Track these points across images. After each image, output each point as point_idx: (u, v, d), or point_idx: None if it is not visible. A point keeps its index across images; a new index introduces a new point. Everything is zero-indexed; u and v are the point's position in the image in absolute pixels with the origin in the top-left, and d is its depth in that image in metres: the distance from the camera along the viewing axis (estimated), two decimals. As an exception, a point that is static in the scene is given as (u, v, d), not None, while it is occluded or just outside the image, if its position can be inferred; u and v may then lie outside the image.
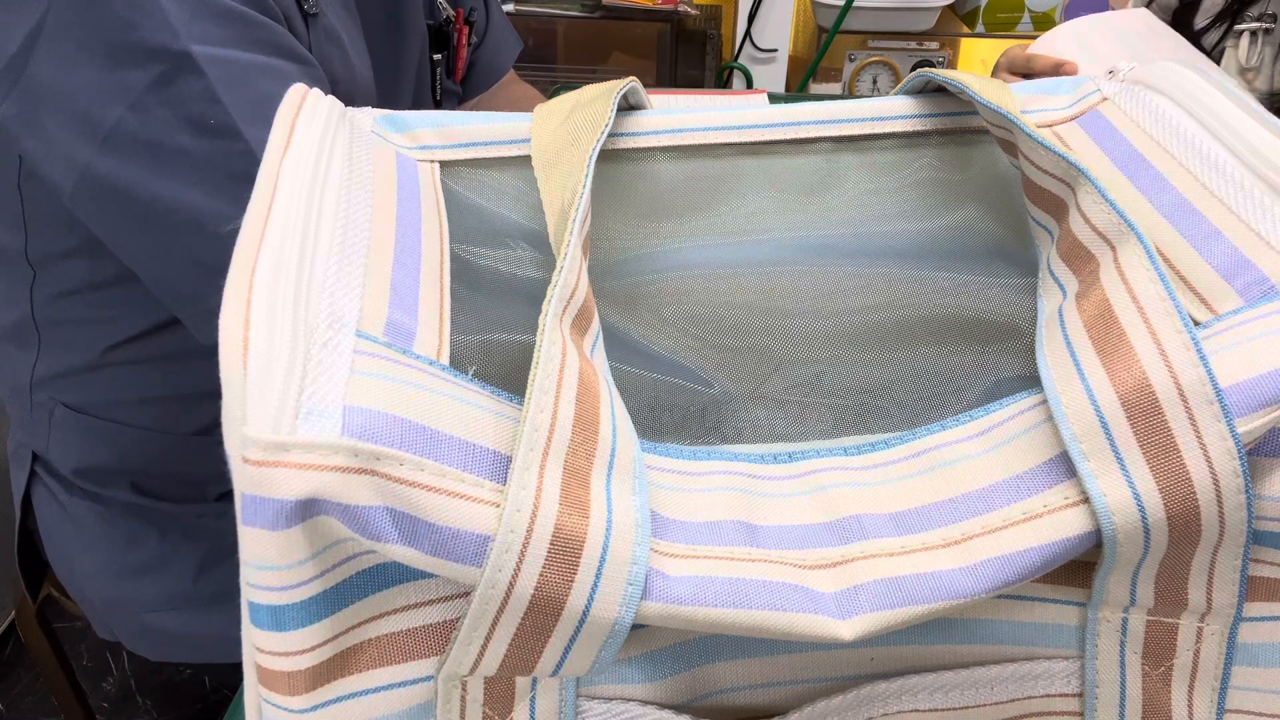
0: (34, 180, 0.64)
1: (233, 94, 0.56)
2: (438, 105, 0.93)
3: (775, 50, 1.83)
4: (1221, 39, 1.02)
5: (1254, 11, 1.00)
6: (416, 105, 0.88)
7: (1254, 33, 1.00)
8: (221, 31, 0.56)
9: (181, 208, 0.57)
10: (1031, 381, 0.31)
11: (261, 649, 0.26)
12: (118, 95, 0.55)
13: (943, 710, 0.31)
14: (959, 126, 0.40)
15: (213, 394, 0.24)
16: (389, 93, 0.82)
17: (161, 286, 0.64)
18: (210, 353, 0.25)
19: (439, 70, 0.92)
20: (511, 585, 0.25)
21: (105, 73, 0.55)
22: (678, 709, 0.30)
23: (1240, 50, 1.01)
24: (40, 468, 0.79)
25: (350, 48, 0.72)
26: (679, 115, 0.39)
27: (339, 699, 0.27)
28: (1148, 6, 1.07)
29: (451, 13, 0.93)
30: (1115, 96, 0.39)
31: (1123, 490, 0.27)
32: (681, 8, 1.56)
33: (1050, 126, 0.39)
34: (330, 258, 0.28)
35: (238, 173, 0.57)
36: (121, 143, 0.56)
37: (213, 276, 0.26)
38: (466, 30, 0.95)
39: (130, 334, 0.71)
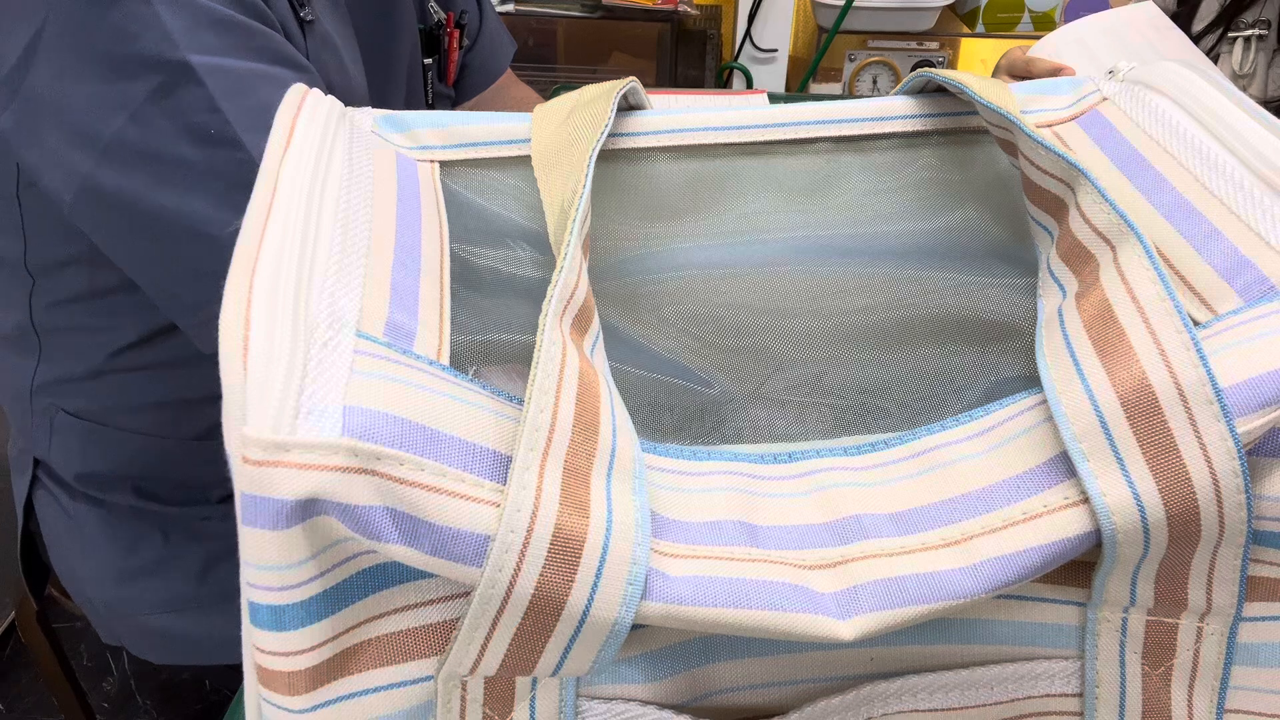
0: (33, 189, 0.64)
1: (232, 103, 0.56)
2: (430, 109, 0.93)
3: (775, 50, 1.83)
4: (1216, 45, 1.02)
5: (1248, 18, 1.00)
6: (409, 109, 0.88)
7: (1248, 39, 0.99)
8: (219, 40, 0.56)
9: (183, 217, 0.57)
10: (1031, 381, 0.31)
11: (261, 649, 0.26)
12: (117, 106, 0.55)
13: (943, 710, 0.31)
14: (959, 126, 0.40)
15: (214, 399, 0.24)
16: (381, 97, 0.82)
17: (163, 296, 0.63)
18: (211, 359, 0.25)
19: (430, 74, 0.92)
20: (511, 585, 0.25)
21: (104, 84, 0.55)
22: (678, 709, 0.30)
23: (1234, 57, 1.00)
24: (42, 473, 0.79)
25: (345, 53, 0.72)
26: (679, 115, 0.39)
27: (339, 699, 0.27)
28: None
29: (442, 16, 0.92)
30: (1115, 96, 0.39)
31: (1122, 490, 0.27)
32: (681, 8, 1.56)
33: (1050, 126, 0.39)
34: (330, 258, 0.28)
35: (239, 181, 0.57)
36: (122, 154, 0.56)
37: (214, 285, 0.26)
38: (457, 34, 0.95)
39: (131, 340, 0.71)
